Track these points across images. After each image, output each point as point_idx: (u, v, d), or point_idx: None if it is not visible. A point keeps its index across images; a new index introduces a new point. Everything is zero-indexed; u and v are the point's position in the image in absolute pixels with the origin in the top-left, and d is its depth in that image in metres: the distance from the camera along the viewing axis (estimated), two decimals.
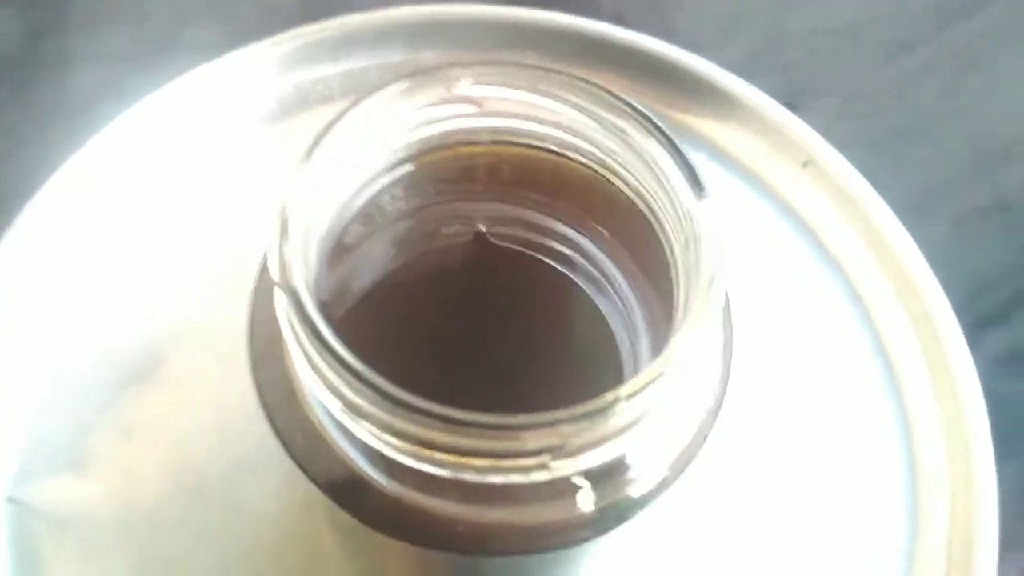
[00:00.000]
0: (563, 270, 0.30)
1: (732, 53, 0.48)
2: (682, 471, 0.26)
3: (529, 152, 0.29)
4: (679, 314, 0.26)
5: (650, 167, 0.27)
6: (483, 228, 0.30)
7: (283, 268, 0.23)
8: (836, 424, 0.43)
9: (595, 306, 0.31)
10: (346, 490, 0.24)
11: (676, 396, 0.25)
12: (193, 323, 0.42)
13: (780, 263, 0.46)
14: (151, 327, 0.43)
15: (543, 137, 0.28)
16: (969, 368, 0.42)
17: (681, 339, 0.24)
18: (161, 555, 0.38)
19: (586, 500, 0.24)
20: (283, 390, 0.25)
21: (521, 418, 0.22)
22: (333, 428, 0.24)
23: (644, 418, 0.24)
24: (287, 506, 0.39)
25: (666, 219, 0.28)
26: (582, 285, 0.31)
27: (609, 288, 0.31)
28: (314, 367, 0.23)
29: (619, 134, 0.27)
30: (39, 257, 0.43)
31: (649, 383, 0.23)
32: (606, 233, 0.30)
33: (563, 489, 0.24)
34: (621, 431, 0.23)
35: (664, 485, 0.26)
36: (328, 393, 0.23)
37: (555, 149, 0.29)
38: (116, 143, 0.45)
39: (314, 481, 0.24)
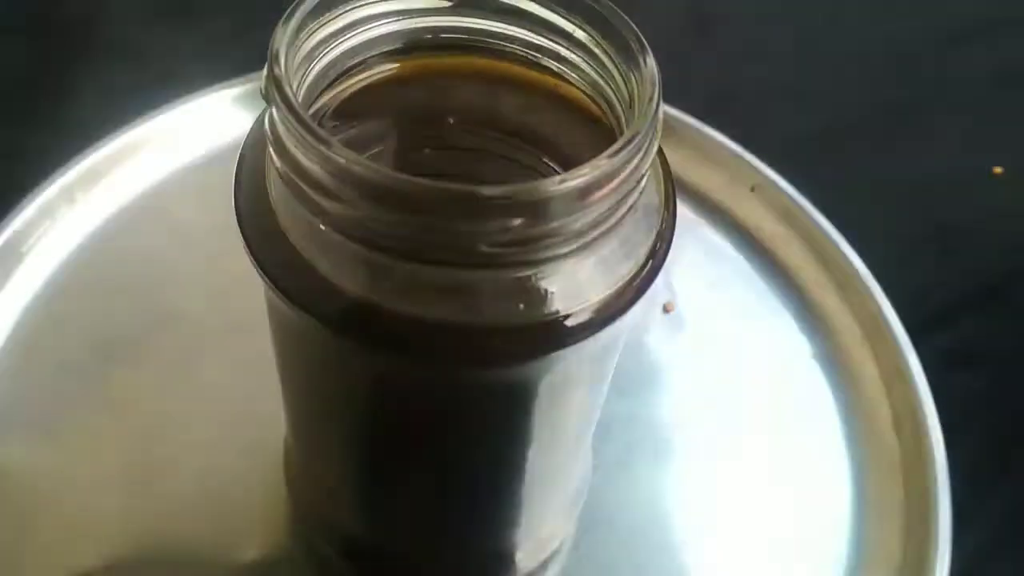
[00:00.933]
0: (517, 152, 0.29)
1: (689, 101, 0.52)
2: (611, 319, 0.25)
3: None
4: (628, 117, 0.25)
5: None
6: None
7: (272, 69, 0.24)
8: (791, 418, 0.44)
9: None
10: (316, 299, 0.24)
11: (615, 206, 0.24)
12: (173, 314, 0.44)
13: (733, 276, 0.48)
14: (135, 316, 0.44)
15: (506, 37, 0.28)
16: (916, 364, 0.43)
17: (626, 137, 0.23)
18: (128, 519, 0.38)
19: (527, 305, 0.24)
20: (263, 224, 0.25)
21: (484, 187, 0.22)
22: (305, 241, 0.24)
23: (586, 216, 0.23)
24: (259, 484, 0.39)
25: (608, 83, 0.27)
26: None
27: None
28: (290, 143, 0.23)
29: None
30: (39, 250, 0.46)
31: (597, 167, 0.22)
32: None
33: (511, 290, 0.23)
34: (569, 221, 0.22)
35: (592, 326, 0.25)
36: (301, 178, 0.23)
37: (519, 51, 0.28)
38: (109, 154, 0.48)
39: (288, 297, 0.24)
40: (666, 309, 0.46)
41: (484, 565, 0.36)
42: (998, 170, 0.56)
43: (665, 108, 0.47)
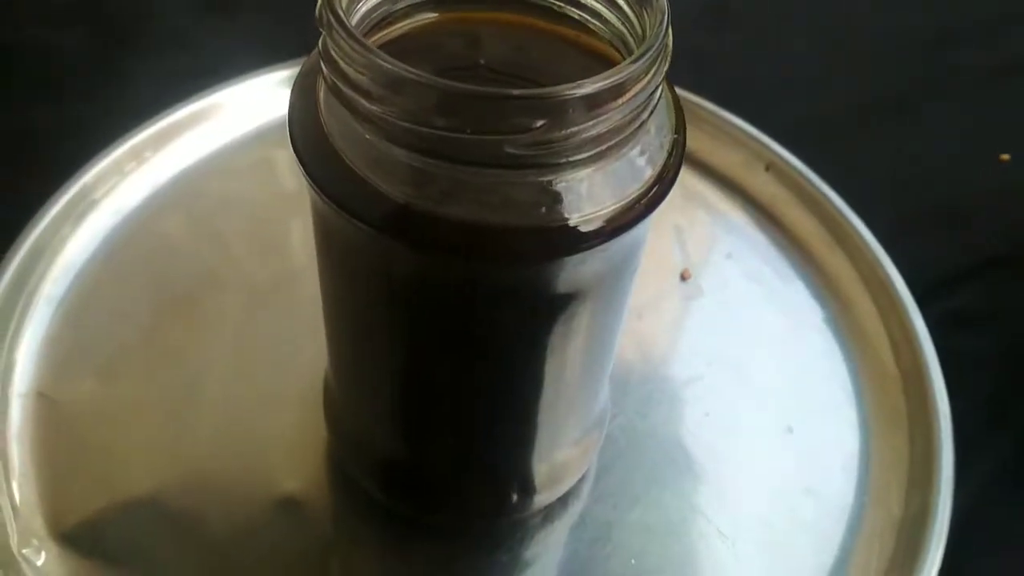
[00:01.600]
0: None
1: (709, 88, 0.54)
2: (621, 230, 0.27)
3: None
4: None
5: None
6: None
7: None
8: (803, 377, 0.47)
9: None
10: (364, 205, 0.27)
11: (628, 119, 0.26)
12: (220, 272, 0.47)
13: (748, 247, 0.51)
14: (187, 271, 0.48)
15: None
16: (921, 324, 0.46)
17: (640, 51, 0.26)
18: (176, 454, 0.41)
19: (548, 209, 0.26)
20: (315, 144, 0.27)
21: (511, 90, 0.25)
22: (353, 154, 0.27)
23: (600, 126, 0.25)
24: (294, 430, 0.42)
25: (629, 31, 0.29)
26: None
27: None
28: (341, 58, 0.25)
29: None
30: (101, 214, 0.49)
31: (613, 76, 0.24)
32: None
33: (534, 194, 0.26)
34: (585, 128, 0.25)
35: (602, 234, 0.27)
36: (351, 87, 0.26)
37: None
38: (158, 135, 0.52)
39: (338, 205, 0.27)
40: (683, 277, 0.49)
41: (508, 494, 0.38)
42: (1005, 156, 0.58)
43: (685, 94, 0.50)
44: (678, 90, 0.46)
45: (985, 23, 0.67)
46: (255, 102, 0.54)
